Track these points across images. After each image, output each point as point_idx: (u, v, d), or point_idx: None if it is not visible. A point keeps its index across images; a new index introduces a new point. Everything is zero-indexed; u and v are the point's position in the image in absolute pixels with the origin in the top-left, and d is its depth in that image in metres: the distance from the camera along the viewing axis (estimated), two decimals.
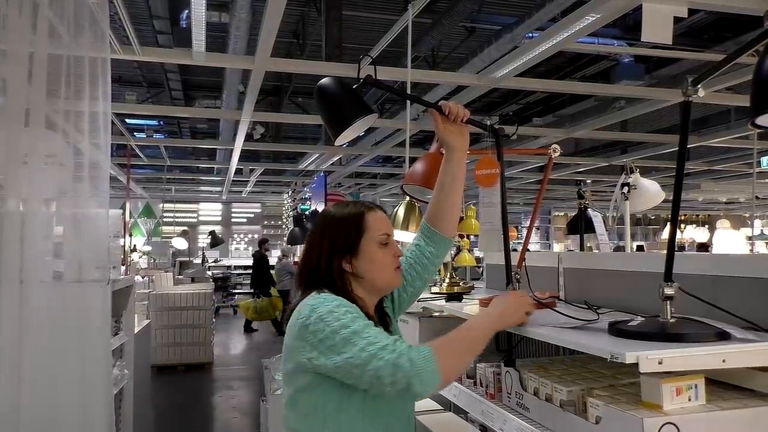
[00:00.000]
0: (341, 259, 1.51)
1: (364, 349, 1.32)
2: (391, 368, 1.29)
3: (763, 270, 1.46)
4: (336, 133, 1.54)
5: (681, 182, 1.37)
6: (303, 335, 1.39)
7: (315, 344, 1.37)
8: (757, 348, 1.25)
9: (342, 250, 1.51)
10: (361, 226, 1.53)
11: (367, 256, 1.52)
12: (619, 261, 2.02)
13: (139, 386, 4.10)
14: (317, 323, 1.37)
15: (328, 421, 1.42)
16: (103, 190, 2.71)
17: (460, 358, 1.40)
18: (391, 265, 1.56)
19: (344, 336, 1.34)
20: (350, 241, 1.52)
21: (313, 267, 1.53)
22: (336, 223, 1.54)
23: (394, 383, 1.29)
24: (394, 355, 1.30)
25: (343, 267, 1.51)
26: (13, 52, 2.38)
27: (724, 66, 1.31)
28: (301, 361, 1.40)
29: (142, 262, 10.21)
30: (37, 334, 2.38)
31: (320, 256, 1.52)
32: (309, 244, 1.57)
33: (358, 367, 1.32)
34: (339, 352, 1.33)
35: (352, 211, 1.55)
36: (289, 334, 1.45)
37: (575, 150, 10.26)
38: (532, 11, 4.40)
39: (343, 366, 1.33)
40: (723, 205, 16.98)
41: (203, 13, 3.92)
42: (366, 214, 1.54)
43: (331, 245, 1.52)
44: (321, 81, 1.55)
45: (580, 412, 1.40)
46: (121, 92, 7.40)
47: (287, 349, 1.46)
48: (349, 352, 1.32)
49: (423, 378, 1.29)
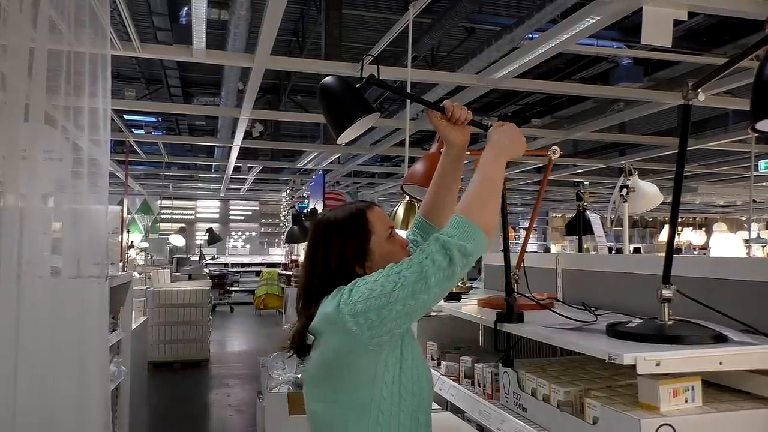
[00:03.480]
0: (355, 266, 1.46)
1: (408, 267, 1.30)
2: (441, 254, 1.28)
3: (760, 273, 1.47)
4: (338, 132, 1.54)
5: (680, 185, 1.38)
6: (354, 315, 1.31)
7: (364, 311, 1.30)
8: (754, 351, 1.26)
9: (354, 257, 1.46)
10: (367, 228, 1.48)
11: (379, 254, 1.47)
12: (617, 263, 2.03)
13: (135, 383, 4.09)
14: (356, 291, 1.33)
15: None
16: (102, 186, 2.71)
17: (488, 204, 1.38)
18: (402, 256, 1.49)
19: (385, 274, 1.32)
20: (361, 247, 1.46)
21: (326, 278, 1.45)
22: (341, 231, 1.48)
23: (452, 261, 1.28)
24: (433, 246, 1.29)
25: (357, 272, 1.45)
26: (13, 47, 2.37)
27: (724, 71, 1.32)
28: (356, 348, 1.34)
29: (139, 259, 10.20)
30: (35, 329, 2.38)
31: (330, 268, 1.45)
32: (313, 259, 1.49)
33: (416, 282, 1.28)
34: (393, 289, 1.29)
35: (352, 214, 1.50)
36: (329, 329, 1.37)
37: (574, 151, 10.28)
38: (532, 12, 4.40)
39: (406, 294, 1.28)
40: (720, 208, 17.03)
41: (204, 10, 3.92)
42: (367, 213, 1.50)
43: (342, 255, 1.46)
44: (324, 79, 1.55)
45: (577, 413, 1.41)
46: (120, 88, 7.38)
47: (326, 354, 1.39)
48: (400, 279, 1.29)
49: (470, 237, 1.30)
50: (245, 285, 15.95)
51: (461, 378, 1.95)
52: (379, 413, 1.36)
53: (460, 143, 1.62)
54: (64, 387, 2.46)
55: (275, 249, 17.51)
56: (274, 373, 3.50)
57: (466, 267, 1.31)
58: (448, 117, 1.57)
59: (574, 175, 11.09)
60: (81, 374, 2.51)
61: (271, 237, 17.91)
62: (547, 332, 1.48)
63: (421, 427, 1.42)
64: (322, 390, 1.43)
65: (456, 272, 1.30)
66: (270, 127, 9.14)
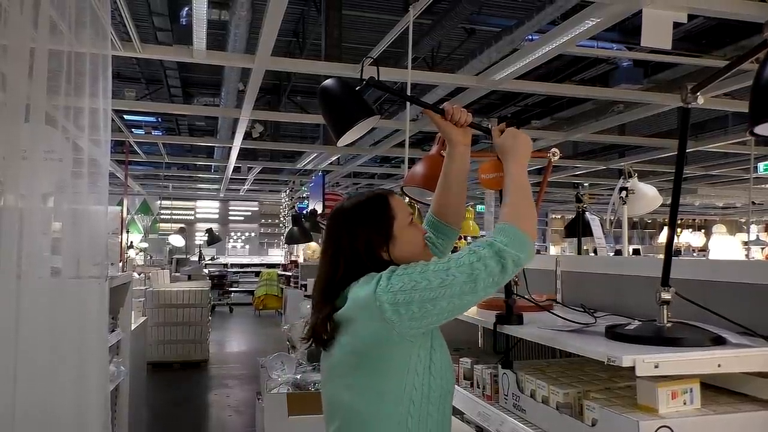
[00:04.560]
0: (380, 250, 1.45)
1: (458, 267, 1.29)
2: (494, 260, 1.28)
3: (758, 276, 1.47)
4: (338, 135, 1.55)
5: (679, 188, 1.38)
6: (394, 304, 1.29)
7: (407, 302, 1.29)
8: (752, 353, 1.26)
9: (380, 242, 1.45)
10: (390, 212, 1.48)
11: (403, 239, 1.47)
12: (616, 265, 2.03)
13: (134, 383, 4.09)
14: (398, 282, 1.31)
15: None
16: (102, 186, 2.70)
17: (529, 211, 1.40)
18: (422, 243, 1.53)
19: (432, 269, 1.30)
20: (386, 230, 1.46)
21: (352, 267, 1.43)
22: (365, 216, 1.48)
23: (504, 268, 1.28)
24: (487, 251, 1.29)
25: (383, 257, 1.45)
26: (13, 47, 2.37)
27: (724, 74, 1.32)
28: (392, 336, 1.32)
29: (138, 259, 10.19)
30: (34, 329, 2.38)
31: (358, 254, 1.44)
32: (336, 249, 1.47)
33: (465, 282, 1.27)
34: (440, 285, 1.28)
35: (375, 199, 1.51)
36: (364, 315, 1.35)
37: (573, 153, 10.28)
38: (532, 14, 4.41)
39: (453, 293, 1.27)
40: (719, 210, 17.04)
41: (204, 11, 3.92)
42: (389, 199, 1.51)
43: (368, 239, 1.45)
44: (324, 82, 1.55)
45: (576, 415, 1.41)
46: (120, 89, 7.38)
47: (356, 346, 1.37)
48: (448, 278, 1.28)
49: (523, 248, 1.30)
50: (244, 285, 15.95)
51: (461, 379, 1.96)
52: (410, 403, 1.36)
53: (462, 142, 1.63)
54: (64, 387, 2.45)
55: (275, 250, 17.51)
56: (274, 374, 3.51)
57: (514, 275, 1.33)
58: (448, 119, 1.58)
59: (574, 177, 11.10)
60: (80, 374, 2.51)
61: (270, 238, 17.91)
62: (547, 334, 1.49)
63: (446, 418, 1.43)
64: (350, 379, 1.41)
65: (506, 279, 1.32)
66: (270, 128, 9.15)
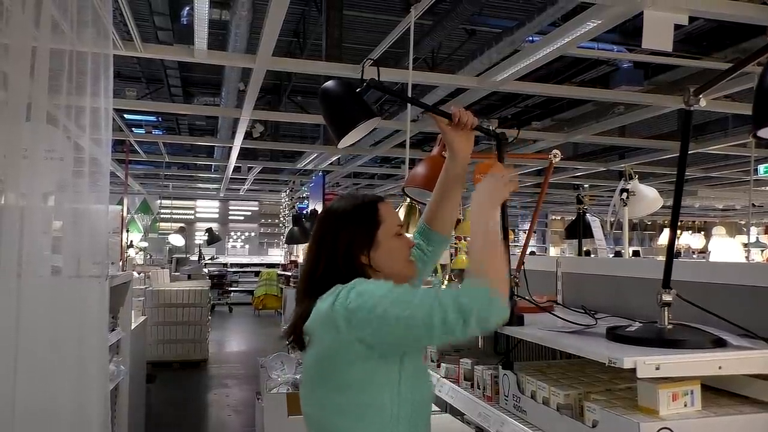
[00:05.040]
0: (360, 253, 1.45)
1: (419, 306, 1.25)
2: (455, 315, 1.22)
3: (759, 278, 1.47)
4: (339, 136, 1.55)
5: (681, 190, 1.38)
6: (348, 321, 1.30)
7: (361, 325, 1.29)
8: (753, 355, 1.26)
9: (362, 244, 1.46)
10: (377, 217, 1.48)
11: (385, 247, 1.47)
12: (616, 267, 2.03)
13: (134, 383, 4.09)
14: (357, 299, 1.30)
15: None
16: (103, 185, 2.70)
17: (496, 263, 1.31)
18: (406, 255, 1.52)
19: (393, 299, 1.28)
20: (368, 234, 1.46)
21: (329, 265, 1.44)
22: (351, 217, 1.48)
23: (466, 324, 1.22)
24: (451, 304, 1.23)
25: (362, 261, 1.45)
26: (15, 47, 2.37)
27: (726, 77, 1.32)
28: (349, 352, 1.32)
29: (138, 258, 10.19)
30: (34, 328, 2.37)
31: (336, 253, 1.44)
32: (320, 245, 1.48)
33: (421, 326, 1.25)
34: (395, 318, 1.26)
35: (364, 203, 1.51)
36: (324, 323, 1.35)
37: (573, 154, 10.29)
38: (533, 15, 4.41)
39: (402, 329, 1.26)
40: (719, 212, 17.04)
41: (206, 10, 3.92)
42: (379, 205, 1.50)
43: (350, 240, 1.45)
44: (325, 84, 1.55)
45: (577, 416, 1.41)
46: (121, 88, 7.38)
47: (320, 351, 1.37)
48: (405, 312, 1.25)
49: (491, 309, 1.24)
50: (244, 285, 15.95)
51: (461, 380, 1.95)
52: (373, 419, 1.34)
53: (465, 152, 1.61)
54: (64, 386, 2.45)
55: (274, 249, 17.51)
56: (273, 374, 3.51)
57: (481, 331, 1.27)
58: (455, 123, 1.57)
59: (574, 178, 11.11)
60: (80, 373, 2.51)
61: (270, 237, 17.91)
62: (547, 335, 1.49)
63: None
64: (315, 393, 1.42)
65: (468, 334, 1.26)
66: (270, 128, 9.15)
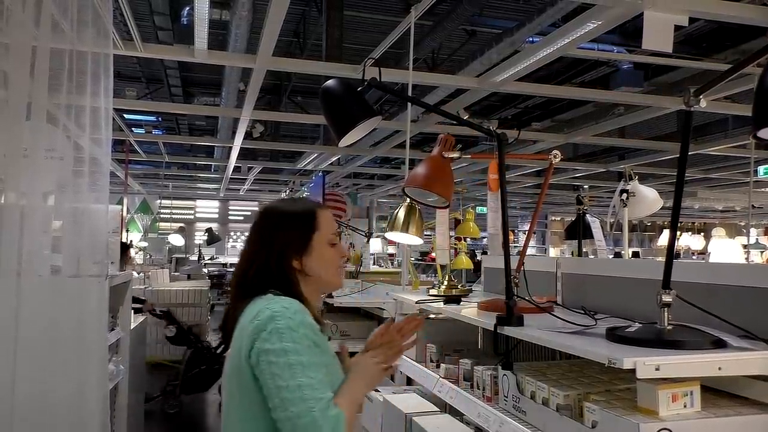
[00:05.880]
0: (292, 257, 1.48)
1: (301, 387, 1.28)
2: (312, 427, 1.26)
3: (759, 279, 1.47)
4: (340, 135, 1.55)
5: (681, 191, 1.38)
6: (254, 337, 1.34)
7: (260, 351, 1.33)
8: (752, 356, 1.26)
9: (296, 248, 1.48)
10: (313, 224, 1.51)
11: (318, 254, 1.50)
12: (616, 267, 2.03)
13: (134, 383, 4.09)
14: (270, 336, 1.32)
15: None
16: (103, 185, 2.71)
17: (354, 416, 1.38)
18: (337, 264, 1.55)
19: (289, 362, 1.30)
20: (303, 239, 1.49)
21: (262, 266, 1.47)
22: (286, 220, 1.51)
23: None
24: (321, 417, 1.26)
25: (293, 264, 1.48)
26: (15, 46, 2.37)
27: (726, 78, 1.32)
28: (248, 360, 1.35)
29: (137, 258, 10.19)
30: (34, 327, 2.37)
31: (270, 255, 1.47)
32: (254, 244, 1.51)
33: (284, 401, 1.28)
34: (274, 374, 1.30)
35: (305, 208, 1.53)
36: (242, 336, 1.39)
37: (573, 155, 10.29)
38: (533, 16, 4.41)
39: (273, 390, 1.30)
40: (719, 213, 17.05)
41: (206, 10, 3.91)
42: (317, 211, 1.53)
43: (283, 243, 1.48)
44: (326, 83, 1.55)
45: (576, 417, 1.41)
46: (121, 88, 7.38)
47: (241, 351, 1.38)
48: (284, 381, 1.29)
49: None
50: None
51: (460, 380, 1.96)
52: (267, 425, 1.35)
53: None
54: (63, 385, 2.45)
55: None
56: None
57: None
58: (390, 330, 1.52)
59: (574, 179, 11.11)
60: (80, 373, 2.51)
61: None
62: (547, 336, 1.49)
63: None
64: (228, 396, 1.44)
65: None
66: (270, 128, 9.15)
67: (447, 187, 1.91)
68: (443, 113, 1.56)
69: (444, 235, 2.61)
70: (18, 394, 2.32)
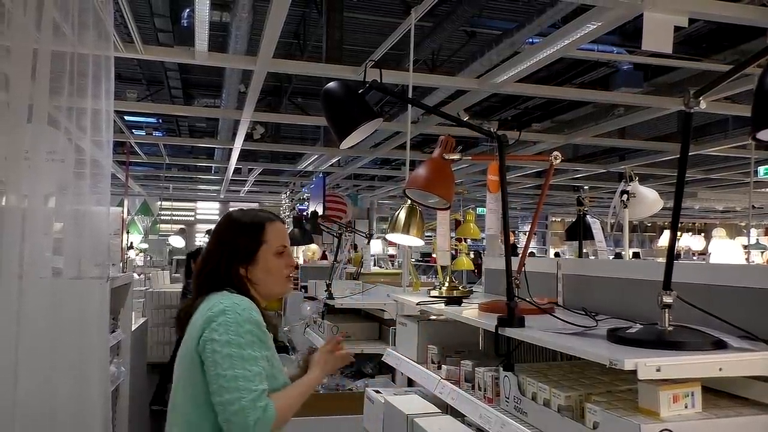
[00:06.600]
0: (239, 266, 1.62)
1: (237, 378, 1.43)
2: (240, 414, 1.41)
3: (759, 280, 1.48)
4: (341, 137, 1.56)
5: (681, 192, 1.39)
6: (204, 327, 1.51)
7: (207, 340, 1.49)
8: (753, 357, 1.26)
9: (241, 258, 1.62)
10: (261, 237, 1.63)
11: (263, 265, 1.63)
12: (617, 268, 2.03)
13: (135, 384, 4.09)
14: (218, 327, 1.47)
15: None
16: (104, 187, 2.71)
17: (293, 409, 1.57)
18: (283, 274, 1.67)
19: (230, 353, 1.45)
20: (249, 251, 1.62)
21: (214, 268, 1.62)
22: (237, 231, 1.65)
23: (231, 424, 1.43)
24: (250, 407, 1.41)
25: (240, 272, 1.62)
26: (16, 49, 2.38)
27: (727, 79, 1.33)
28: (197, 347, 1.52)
29: (138, 260, 10.19)
30: (35, 329, 2.38)
31: (221, 260, 1.62)
32: (211, 246, 1.68)
33: (221, 388, 1.44)
34: (216, 362, 1.45)
35: (253, 221, 1.65)
36: (195, 325, 1.54)
37: (573, 156, 10.29)
38: (533, 17, 4.42)
39: (213, 376, 1.46)
40: (719, 214, 17.05)
41: (207, 12, 3.92)
42: (266, 225, 1.64)
43: (231, 252, 1.62)
44: (327, 85, 1.56)
45: (577, 418, 1.41)
46: (121, 90, 7.39)
47: (192, 339, 1.54)
48: (223, 370, 1.44)
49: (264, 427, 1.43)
50: None
51: (461, 382, 1.95)
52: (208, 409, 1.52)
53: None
54: (65, 387, 2.46)
55: None
56: None
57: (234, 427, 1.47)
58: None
59: (574, 180, 11.11)
60: (81, 374, 2.51)
61: None
62: (548, 337, 1.49)
63: None
64: (179, 380, 1.62)
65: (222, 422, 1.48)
66: (270, 129, 9.16)
67: (448, 189, 1.91)
68: (443, 115, 1.56)
69: (445, 237, 2.61)
70: (20, 395, 2.32)
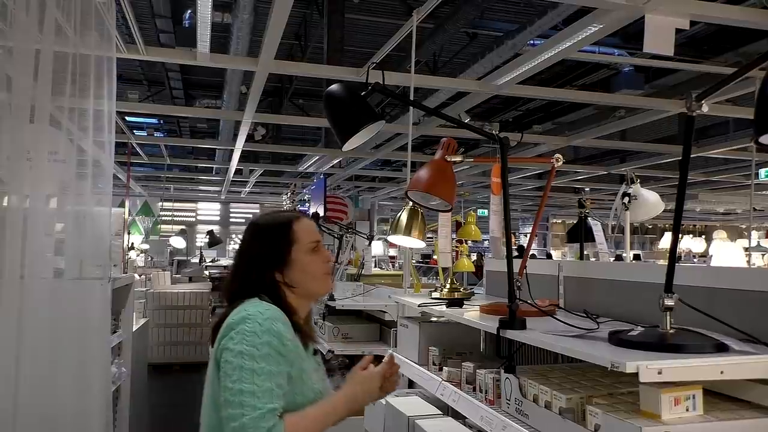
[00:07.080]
0: (273, 271, 1.52)
1: (243, 392, 1.32)
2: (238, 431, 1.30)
3: (761, 283, 1.48)
4: (344, 139, 1.56)
5: (683, 194, 1.39)
6: (224, 333, 1.43)
7: (223, 348, 1.41)
8: (755, 360, 1.26)
9: (273, 263, 1.52)
10: (290, 237, 1.53)
11: (299, 265, 1.52)
12: (618, 271, 2.03)
13: (136, 384, 4.10)
14: (235, 336, 1.39)
15: None
16: (105, 188, 2.72)
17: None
18: (322, 271, 1.57)
19: (241, 365, 1.35)
20: (280, 254, 1.52)
21: (244, 278, 1.52)
22: (264, 235, 1.55)
23: None
24: (251, 426, 1.29)
25: (276, 278, 1.52)
26: (19, 49, 2.38)
27: (729, 82, 1.33)
28: (216, 354, 1.46)
29: (139, 261, 10.19)
30: (37, 330, 2.38)
31: (251, 269, 1.52)
32: (239, 256, 1.58)
33: (226, 401, 1.34)
34: (226, 373, 1.37)
35: (279, 222, 1.56)
36: (221, 331, 1.47)
37: (574, 158, 10.29)
38: (534, 19, 4.42)
39: (222, 387, 1.37)
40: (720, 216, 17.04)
41: (209, 13, 3.92)
42: (293, 223, 1.55)
43: (262, 258, 1.52)
44: (329, 88, 1.56)
45: (579, 420, 1.41)
46: (123, 90, 7.40)
47: (216, 343, 1.49)
48: (231, 383, 1.34)
49: None
50: None
51: (463, 384, 1.96)
52: None
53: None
54: (66, 387, 2.46)
55: None
56: None
57: None
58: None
59: (575, 182, 11.11)
60: (82, 375, 2.51)
61: None
62: (550, 339, 1.49)
63: None
64: (209, 388, 1.52)
65: None
66: (272, 131, 9.16)
67: (449, 191, 1.92)
68: (445, 116, 1.57)
69: (446, 238, 2.61)
70: (21, 395, 2.32)
